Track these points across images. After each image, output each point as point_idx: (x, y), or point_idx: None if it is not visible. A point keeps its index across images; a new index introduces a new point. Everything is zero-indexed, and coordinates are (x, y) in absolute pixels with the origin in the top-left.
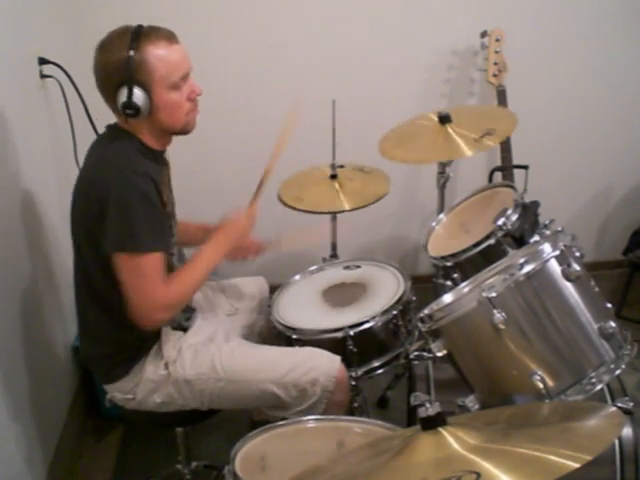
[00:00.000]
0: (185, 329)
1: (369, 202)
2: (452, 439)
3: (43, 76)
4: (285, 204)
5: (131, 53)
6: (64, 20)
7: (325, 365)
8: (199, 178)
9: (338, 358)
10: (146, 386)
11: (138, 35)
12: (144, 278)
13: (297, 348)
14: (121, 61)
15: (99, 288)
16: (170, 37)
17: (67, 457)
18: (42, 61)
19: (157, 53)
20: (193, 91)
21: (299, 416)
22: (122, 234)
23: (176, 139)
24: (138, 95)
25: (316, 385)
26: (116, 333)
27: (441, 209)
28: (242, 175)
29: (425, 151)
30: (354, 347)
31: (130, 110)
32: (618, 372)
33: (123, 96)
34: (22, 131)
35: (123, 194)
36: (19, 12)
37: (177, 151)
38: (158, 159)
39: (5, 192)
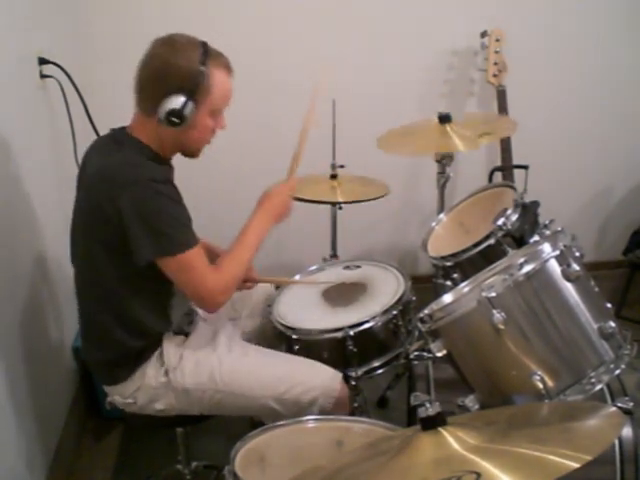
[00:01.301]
0: (187, 334)
1: (367, 198)
2: (452, 439)
3: (43, 76)
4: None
5: (202, 68)
6: (64, 20)
7: (326, 384)
8: (197, 181)
9: (339, 376)
10: (147, 392)
11: (208, 53)
12: (192, 273)
13: (299, 360)
14: (191, 70)
15: (111, 293)
16: (230, 67)
17: (67, 457)
18: (42, 61)
19: (220, 78)
20: (220, 124)
21: None
22: (157, 241)
23: None
24: (189, 109)
25: (314, 405)
26: (122, 337)
27: (441, 209)
28: (241, 176)
29: (422, 145)
30: (354, 347)
31: (177, 119)
32: (618, 372)
33: (174, 103)
34: (22, 131)
35: (146, 203)
36: (19, 12)
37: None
38: (166, 164)
39: (5, 192)
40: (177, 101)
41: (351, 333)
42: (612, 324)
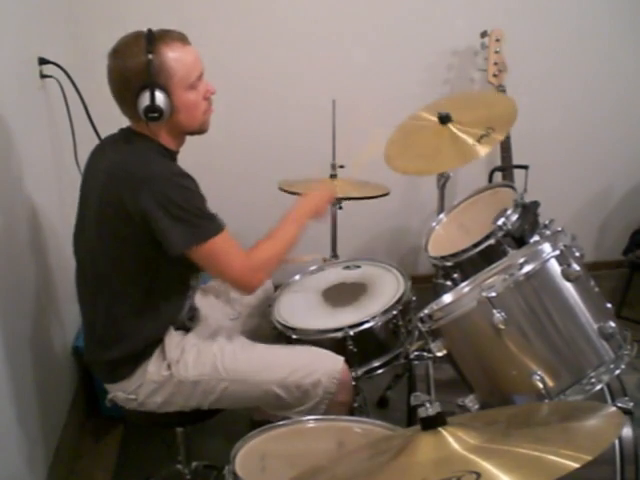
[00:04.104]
0: (188, 329)
1: (366, 195)
2: (452, 439)
3: (43, 76)
4: (281, 189)
5: (150, 57)
6: (64, 20)
7: (328, 366)
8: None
9: (341, 359)
10: (148, 387)
11: (152, 39)
12: (222, 258)
13: (300, 347)
14: (140, 65)
15: (132, 285)
16: (183, 38)
17: (67, 457)
18: (42, 61)
19: (174, 55)
20: (208, 90)
21: (300, 416)
22: (185, 233)
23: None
24: (160, 98)
25: (318, 387)
26: (135, 327)
27: (441, 209)
28: (241, 174)
29: (431, 160)
30: (354, 347)
31: (154, 114)
32: (618, 372)
33: (145, 100)
34: (22, 131)
35: (168, 196)
36: (19, 12)
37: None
38: (174, 160)
39: (5, 192)
40: (145, 98)
41: (351, 333)
42: (612, 324)
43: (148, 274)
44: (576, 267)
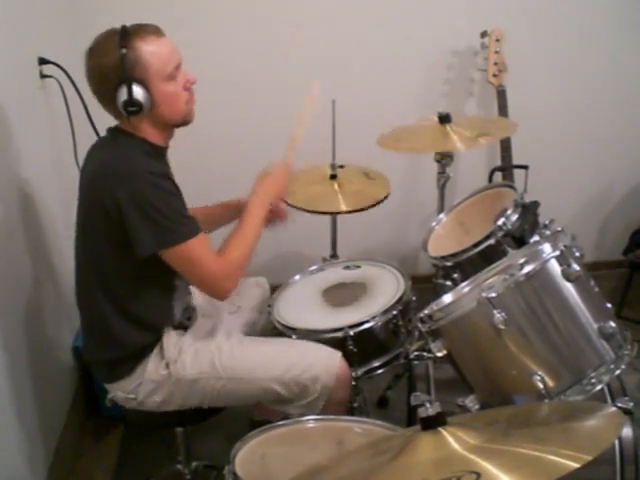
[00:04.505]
0: (186, 328)
1: (368, 205)
2: (452, 439)
3: (43, 76)
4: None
5: (124, 51)
6: (64, 20)
7: (326, 361)
8: (198, 177)
9: (339, 353)
10: (147, 386)
11: (126, 34)
12: (197, 262)
13: (297, 342)
14: (115, 61)
15: (115, 289)
16: (157, 31)
17: (67, 457)
18: (42, 61)
19: (148, 48)
20: (188, 80)
21: (299, 411)
22: (158, 233)
23: (176, 138)
24: (138, 91)
25: (317, 382)
26: (125, 333)
27: (441, 209)
28: (240, 174)
29: (421, 143)
30: (354, 347)
31: (132, 107)
32: (618, 372)
33: (123, 95)
34: (22, 131)
35: (144, 195)
36: (19, 12)
37: (176, 149)
38: (162, 156)
39: (6, 192)
40: (123, 93)
41: (351, 333)
42: (612, 324)
43: (129, 278)
44: (576, 267)
